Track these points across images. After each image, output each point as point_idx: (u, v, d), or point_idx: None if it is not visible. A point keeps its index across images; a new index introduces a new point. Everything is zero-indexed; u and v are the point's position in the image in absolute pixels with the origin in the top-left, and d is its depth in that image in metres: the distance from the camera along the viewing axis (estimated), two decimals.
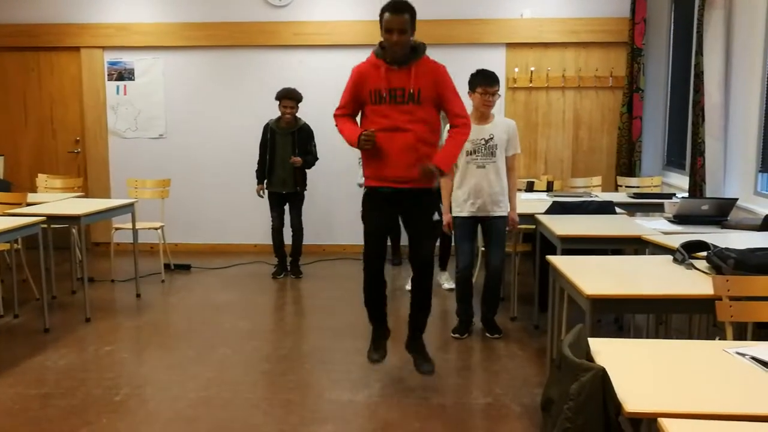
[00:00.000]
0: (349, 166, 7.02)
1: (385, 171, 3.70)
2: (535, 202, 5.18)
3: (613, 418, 1.90)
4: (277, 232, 6.40)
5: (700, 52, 5.36)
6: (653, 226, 4.30)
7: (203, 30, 7.35)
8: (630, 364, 2.17)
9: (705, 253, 3.24)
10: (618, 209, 4.94)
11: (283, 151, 6.24)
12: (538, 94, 7.34)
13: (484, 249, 5.23)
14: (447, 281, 5.99)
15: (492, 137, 4.59)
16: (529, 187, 6.24)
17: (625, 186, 6.65)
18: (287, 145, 6.23)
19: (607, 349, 2.25)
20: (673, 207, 4.59)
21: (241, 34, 7.33)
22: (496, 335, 4.73)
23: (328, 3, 7.29)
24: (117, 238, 6.61)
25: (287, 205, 6.41)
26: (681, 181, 6.08)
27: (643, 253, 4.04)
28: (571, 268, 3.19)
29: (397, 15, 3.54)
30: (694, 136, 5.39)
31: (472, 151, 4.57)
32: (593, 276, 3.07)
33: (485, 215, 4.66)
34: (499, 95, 4.64)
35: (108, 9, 7.43)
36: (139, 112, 7.56)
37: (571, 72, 7.27)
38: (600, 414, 1.90)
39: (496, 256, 4.70)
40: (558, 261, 3.39)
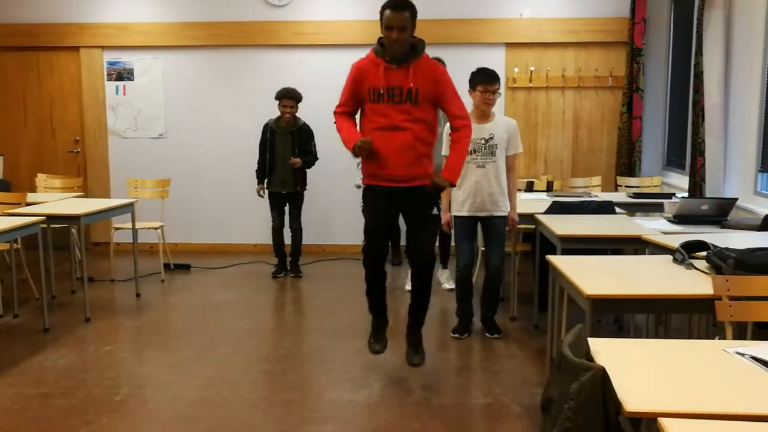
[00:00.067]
0: (348, 166, 7.01)
1: (383, 170, 3.70)
2: (535, 202, 5.18)
3: (613, 418, 1.90)
4: (278, 232, 6.40)
5: (699, 51, 5.36)
6: (653, 226, 4.30)
7: (203, 30, 7.35)
8: (630, 364, 2.17)
9: (705, 253, 3.24)
10: (618, 209, 4.94)
11: (283, 150, 6.23)
12: (538, 94, 7.34)
13: (483, 249, 5.23)
14: (447, 281, 5.99)
15: (492, 137, 4.59)
16: (529, 187, 6.24)
17: (625, 186, 6.64)
18: (287, 145, 6.23)
19: (607, 349, 2.25)
20: (673, 207, 4.59)
21: (241, 33, 7.33)
22: (496, 335, 4.73)
23: (327, 3, 7.29)
24: (117, 237, 6.61)
25: (287, 206, 6.42)
26: (681, 181, 6.08)
27: (643, 253, 4.04)
28: (571, 267, 3.20)
29: (398, 12, 3.54)
30: (694, 136, 5.39)
31: (472, 150, 4.56)
32: (593, 276, 3.07)
33: (485, 215, 4.66)
34: (499, 94, 4.64)
35: (107, 9, 7.43)
36: (138, 112, 7.56)
37: (571, 72, 7.27)
38: (600, 414, 1.90)
39: (496, 255, 4.70)
40: (558, 261, 3.39)
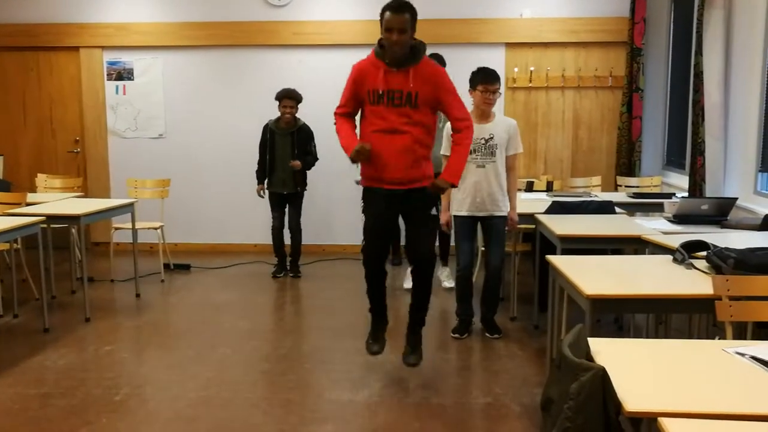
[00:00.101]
0: (348, 166, 6.97)
1: (382, 173, 3.70)
2: (535, 202, 5.17)
3: (613, 418, 1.90)
4: (278, 231, 6.40)
5: (699, 51, 5.36)
6: (653, 226, 4.29)
7: (203, 29, 7.35)
8: (630, 364, 2.17)
9: (705, 253, 3.24)
10: (618, 209, 4.94)
11: (283, 151, 6.24)
12: (538, 94, 7.34)
13: (483, 249, 5.23)
14: (447, 279, 5.99)
15: (492, 137, 4.59)
16: (529, 187, 6.24)
17: (625, 186, 6.64)
18: (286, 146, 6.23)
19: (606, 349, 2.25)
20: (673, 207, 4.59)
21: (241, 33, 7.33)
22: (496, 335, 4.73)
23: (327, 2, 7.29)
24: (116, 237, 6.61)
25: (287, 206, 6.42)
26: (681, 181, 6.07)
27: (643, 253, 4.04)
28: (571, 267, 3.20)
29: (398, 14, 3.53)
30: (694, 136, 5.39)
31: (472, 150, 4.54)
32: (593, 276, 3.07)
33: (484, 215, 4.66)
34: (500, 93, 4.63)
35: (107, 9, 7.42)
36: (138, 112, 7.55)
37: (571, 72, 7.27)
38: (600, 413, 1.90)
39: (496, 255, 4.70)
40: (558, 261, 3.39)
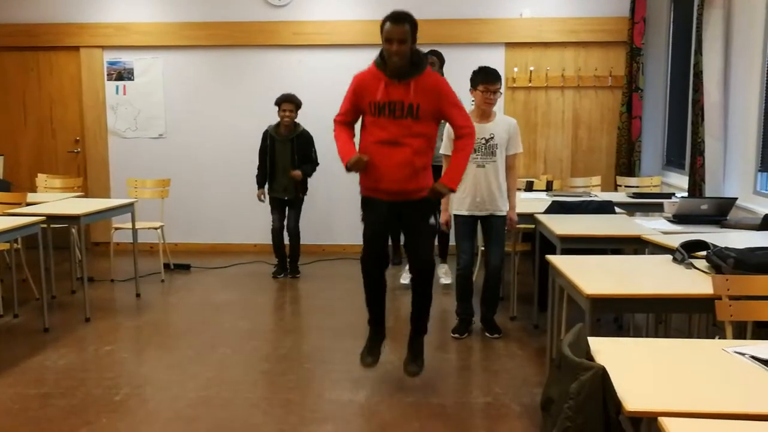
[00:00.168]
0: None
1: (379, 184, 3.70)
2: (535, 202, 5.17)
3: (614, 417, 1.90)
4: (277, 233, 6.41)
5: (699, 51, 5.36)
6: (653, 226, 4.30)
7: (203, 30, 7.35)
8: (630, 364, 2.17)
9: (704, 253, 3.24)
10: (617, 209, 4.94)
11: (283, 158, 6.26)
12: (538, 94, 7.34)
13: (483, 248, 5.23)
14: (445, 275, 5.98)
15: (492, 136, 4.59)
16: (529, 187, 6.25)
17: (625, 186, 6.64)
18: (287, 152, 6.25)
19: (606, 349, 2.25)
20: (673, 206, 4.59)
21: (241, 33, 7.33)
22: (496, 335, 4.73)
23: (327, 3, 7.29)
24: (117, 237, 6.61)
25: (287, 208, 6.43)
26: (680, 181, 6.07)
27: (643, 253, 4.04)
28: (571, 267, 3.20)
29: (398, 25, 3.53)
30: (694, 136, 5.39)
31: (473, 149, 4.55)
32: (593, 275, 3.07)
33: (484, 214, 4.66)
34: (500, 93, 4.62)
35: (107, 9, 7.43)
36: (138, 112, 7.55)
37: (571, 71, 7.27)
38: (600, 413, 1.90)
39: (496, 255, 4.70)
40: (558, 260, 3.40)
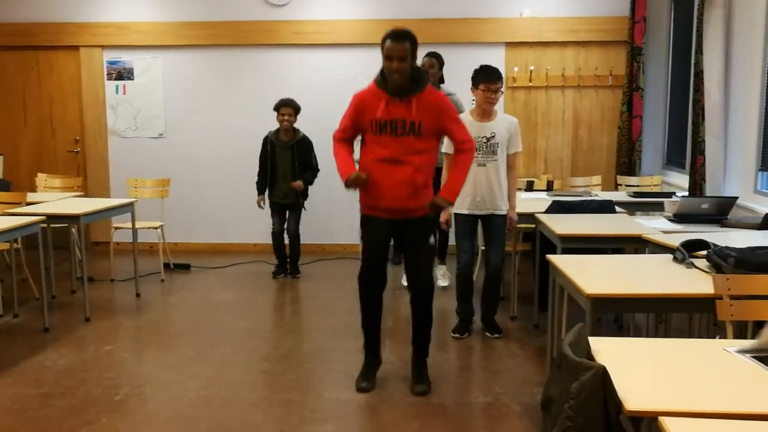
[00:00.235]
0: None
1: (380, 202, 3.70)
2: (535, 202, 5.17)
3: (614, 417, 1.89)
4: (277, 236, 6.41)
5: (699, 50, 5.35)
6: (653, 225, 4.29)
7: (202, 29, 7.35)
8: (630, 363, 2.16)
9: (705, 252, 3.24)
10: (618, 208, 4.94)
11: (283, 164, 6.27)
12: (538, 94, 7.34)
13: (484, 248, 5.23)
14: (443, 277, 5.98)
15: (493, 135, 4.58)
16: (529, 187, 6.24)
17: (625, 185, 6.64)
18: (287, 158, 6.26)
19: (607, 348, 2.25)
20: (673, 206, 4.59)
21: (241, 33, 7.33)
22: (496, 335, 4.73)
23: (327, 2, 7.28)
24: (116, 237, 6.61)
25: (288, 211, 6.43)
26: (681, 180, 6.07)
27: (643, 252, 4.04)
28: (571, 267, 3.19)
29: (398, 42, 3.54)
30: (694, 135, 5.38)
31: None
32: (593, 275, 3.07)
33: (485, 213, 4.66)
34: (502, 92, 4.61)
35: (107, 8, 7.42)
36: (138, 112, 7.55)
37: (571, 71, 7.26)
38: (601, 413, 1.90)
39: (496, 255, 4.69)
40: (558, 260, 3.39)
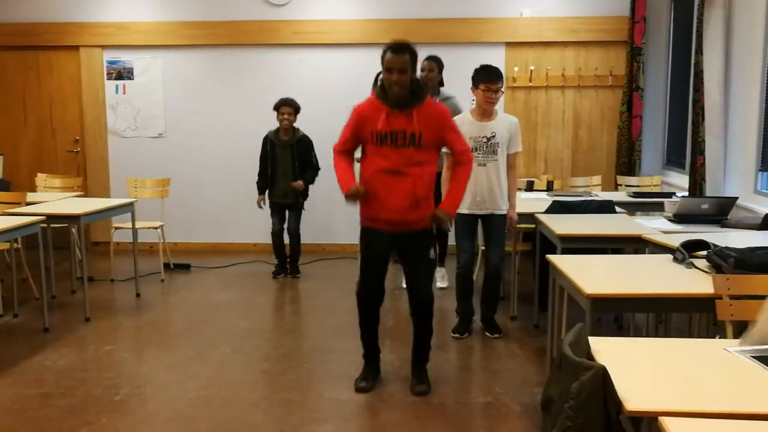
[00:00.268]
0: None
1: (380, 214, 3.70)
2: (535, 202, 5.17)
3: (614, 417, 1.89)
4: (277, 236, 6.41)
5: (699, 50, 5.35)
6: (653, 226, 4.29)
7: (202, 29, 7.35)
8: (630, 363, 2.17)
9: (705, 252, 3.24)
10: (618, 208, 4.94)
11: (283, 163, 6.27)
12: (538, 94, 7.34)
13: (484, 248, 5.23)
14: (442, 279, 5.98)
15: (494, 135, 4.58)
16: (529, 187, 6.24)
17: (625, 185, 6.64)
18: (287, 158, 6.26)
19: (607, 348, 2.25)
20: (673, 206, 4.59)
21: (241, 33, 7.33)
22: (496, 335, 4.73)
23: (327, 2, 7.27)
24: (116, 237, 6.61)
25: (288, 211, 6.43)
26: (681, 180, 6.07)
27: (643, 253, 4.04)
28: (571, 267, 3.19)
29: (398, 55, 3.58)
30: (694, 135, 5.38)
31: (474, 148, 4.55)
32: (593, 275, 3.07)
33: (485, 213, 4.66)
34: (502, 92, 4.61)
35: (107, 8, 7.42)
36: (138, 111, 7.55)
37: (571, 71, 7.26)
38: (601, 413, 1.90)
39: (496, 254, 4.70)
40: (558, 260, 3.39)
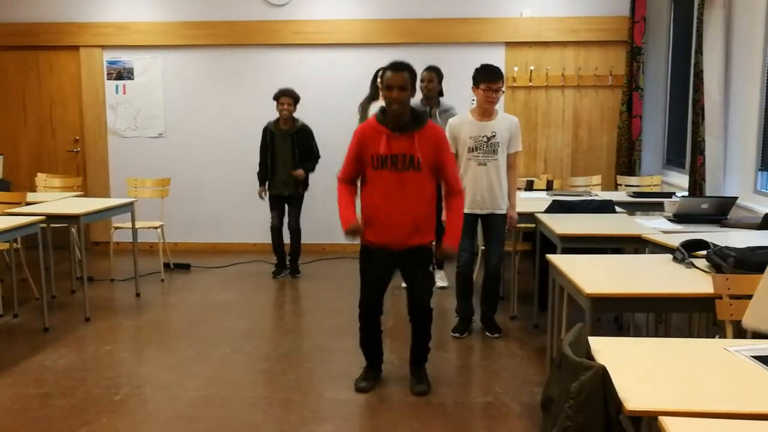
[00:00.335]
0: None
1: (381, 235, 3.73)
2: (535, 201, 5.17)
3: (614, 417, 1.90)
4: (276, 231, 6.40)
5: (699, 50, 5.35)
6: (653, 225, 4.29)
7: (202, 29, 7.35)
8: (630, 363, 2.17)
9: (705, 252, 3.24)
10: (618, 208, 4.94)
11: (283, 153, 6.25)
12: (538, 93, 7.34)
13: (483, 248, 5.23)
14: (441, 279, 5.98)
15: (494, 135, 4.58)
16: (529, 186, 6.24)
17: (625, 185, 6.64)
18: (287, 147, 6.25)
19: (607, 348, 2.25)
20: (673, 206, 4.59)
21: (241, 33, 7.33)
22: (496, 334, 4.73)
23: (327, 2, 7.27)
24: (116, 237, 6.60)
25: (287, 206, 6.42)
26: (681, 180, 6.07)
27: (643, 252, 4.04)
28: (571, 266, 3.20)
29: (397, 73, 3.64)
30: (694, 135, 5.39)
31: (474, 148, 4.56)
32: (593, 275, 3.07)
33: (485, 212, 4.66)
34: (503, 92, 4.60)
35: (107, 8, 7.42)
36: (138, 111, 7.55)
37: (571, 71, 7.26)
38: (600, 412, 1.90)
39: (495, 254, 4.70)
40: (558, 260, 3.39)
